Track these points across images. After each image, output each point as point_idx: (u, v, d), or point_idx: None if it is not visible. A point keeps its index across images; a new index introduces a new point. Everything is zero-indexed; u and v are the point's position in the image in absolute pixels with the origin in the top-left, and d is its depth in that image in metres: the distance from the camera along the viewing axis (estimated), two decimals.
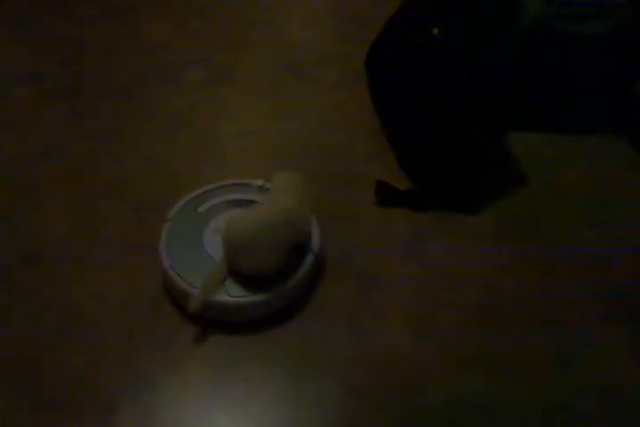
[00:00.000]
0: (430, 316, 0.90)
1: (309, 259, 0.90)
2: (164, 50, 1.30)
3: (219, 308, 0.85)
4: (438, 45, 1.00)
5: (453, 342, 0.87)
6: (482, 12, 1.02)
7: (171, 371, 0.83)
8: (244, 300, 0.85)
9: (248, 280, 0.86)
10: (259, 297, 0.85)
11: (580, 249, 0.99)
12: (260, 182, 0.99)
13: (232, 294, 0.85)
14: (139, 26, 1.34)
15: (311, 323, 0.88)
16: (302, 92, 1.22)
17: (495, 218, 1.03)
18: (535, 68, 1.09)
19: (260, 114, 1.18)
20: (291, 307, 0.89)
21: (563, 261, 0.97)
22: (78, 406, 0.79)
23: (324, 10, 1.43)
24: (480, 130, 1.02)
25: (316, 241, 0.92)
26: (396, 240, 0.99)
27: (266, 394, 0.81)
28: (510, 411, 0.80)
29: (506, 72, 1.03)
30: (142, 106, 1.18)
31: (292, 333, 0.87)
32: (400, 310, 0.90)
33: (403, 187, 1.03)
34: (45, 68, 1.25)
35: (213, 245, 0.90)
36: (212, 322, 0.87)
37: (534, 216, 1.03)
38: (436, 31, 1.01)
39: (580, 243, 1.00)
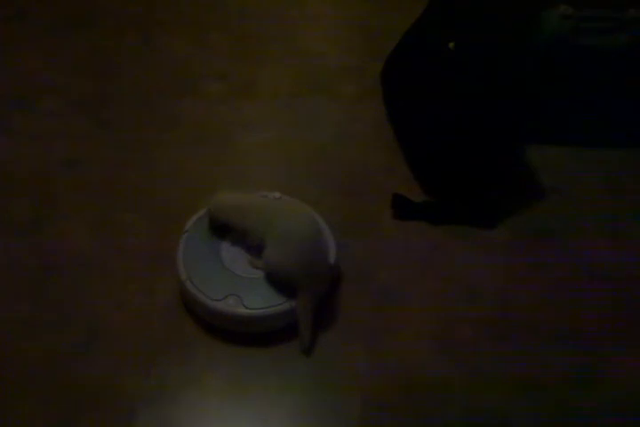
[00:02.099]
0: (447, 329, 0.90)
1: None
2: (186, 63, 1.32)
3: (236, 320, 0.87)
4: (454, 59, 1.01)
5: (470, 356, 0.87)
6: (498, 28, 1.02)
7: (189, 381, 0.84)
8: (261, 312, 0.86)
9: (265, 293, 0.87)
10: (276, 309, 0.86)
11: (597, 262, 0.98)
12: (277, 195, 1.00)
13: (249, 307, 0.86)
14: (162, 40, 1.37)
15: (328, 335, 0.88)
16: (320, 105, 1.24)
17: (512, 231, 1.03)
18: (553, 83, 1.09)
19: (278, 126, 1.20)
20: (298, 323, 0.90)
21: (580, 275, 0.97)
22: (100, 414, 0.80)
23: (340, 24, 1.44)
24: (498, 144, 1.02)
25: (332, 254, 0.93)
26: (412, 253, 0.99)
27: (284, 406, 0.82)
28: (527, 425, 0.80)
29: (523, 85, 1.03)
30: (164, 118, 1.21)
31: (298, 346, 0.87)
32: (417, 323, 0.91)
33: (419, 200, 1.04)
34: (71, 80, 1.28)
35: (230, 256, 0.91)
36: (230, 334, 0.88)
37: (551, 229, 1.03)
38: (452, 45, 1.02)
39: (598, 256, 0.99)
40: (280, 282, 0.87)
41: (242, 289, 0.87)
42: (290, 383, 0.84)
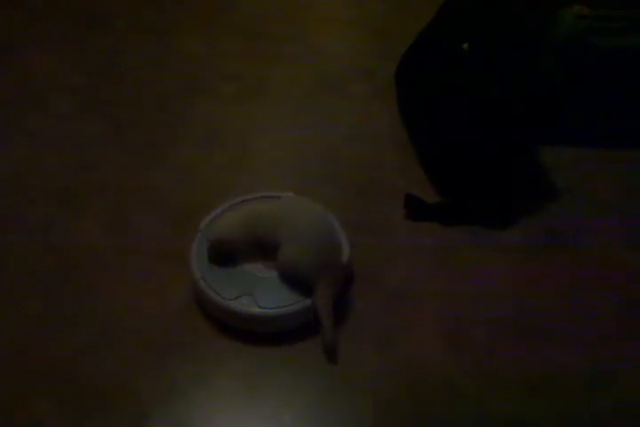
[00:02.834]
0: (460, 330, 0.89)
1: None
2: (199, 64, 1.33)
3: (249, 319, 0.87)
4: (468, 60, 1.01)
5: (483, 357, 0.87)
6: (513, 28, 1.02)
7: (202, 380, 0.84)
8: (274, 312, 0.86)
9: (279, 292, 0.88)
10: (289, 309, 0.86)
11: (611, 264, 0.98)
12: (290, 194, 1.00)
13: (263, 306, 0.86)
14: (175, 41, 1.38)
15: (340, 335, 0.88)
16: (332, 106, 1.24)
17: (525, 232, 1.02)
18: (568, 83, 1.08)
19: (290, 127, 1.20)
20: (319, 319, 0.90)
21: (594, 276, 0.96)
22: (112, 414, 0.81)
23: (353, 25, 1.44)
24: (512, 144, 1.02)
25: (345, 253, 0.93)
26: (425, 254, 0.99)
27: (296, 405, 0.82)
28: None
29: (538, 86, 1.03)
30: (177, 119, 1.21)
31: (320, 345, 0.87)
32: (429, 323, 0.90)
33: (432, 201, 1.03)
34: (85, 81, 1.29)
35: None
36: (243, 333, 0.88)
37: (565, 230, 1.02)
38: (466, 46, 1.02)
39: (612, 257, 0.98)
40: (296, 280, 0.87)
41: (255, 288, 0.88)
42: (302, 383, 0.84)
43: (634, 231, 1.02)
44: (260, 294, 0.87)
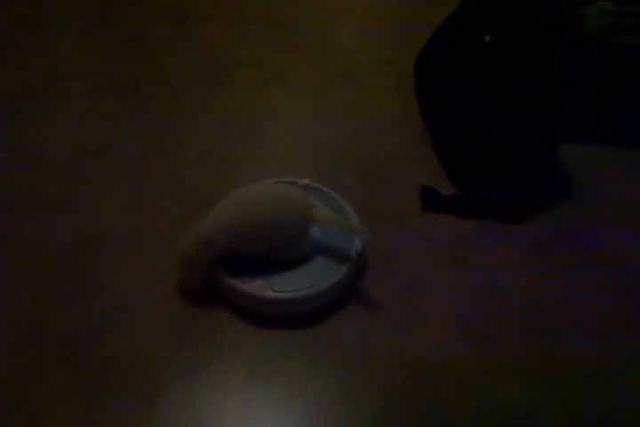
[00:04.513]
0: (472, 324, 0.89)
1: (352, 258, 0.91)
2: (219, 50, 1.33)
3: (263, 302, 0.87)
4: (490, 53, 1.00)
5: (495, 351, 0.86)
6: (537, 22, 1.01)
7: (214, 362, 0.84)
8: (288, 295, 0.86)
9: (294, 276, 0.88)
10: (303, 293, 0.86)
11: (627, 264, 0.97)
12: (305, 181, 1.00)
13: (276, 290, 0.86)
14: (195, 26, 1.38)
15: (352, 323, 0.89)
16: (351, 95, 1.24)
17: (541, 228, 1.02)
18: (591, 80, 1.08)
19: (308, 115, 1.20)
20: (332, 305, 0.90)
21: (610, 277, 0.95)
22: (125, 392, 0.81)
23: (375, 14, 1.44)
24: (533, 139, 1.02)
25: (358, 242, 0.93)
26: (439, 246, 0.99)
27: (307, 391, 0.82)
28: (551, 424, 0.80)
29: (562, 82, 1.02)
30: (194, 103, 1.22)
31: (333, 331, 0.88)
32: (441, 316, 0.90)
33: (448, 193, 1.03)
34: (103, 64, 1.29)
35: None
36: (256, 316, 0.88)
37: (583, 229, 1.02)
38: (488, 38, 1.01)
39: (628, 257, 0.98)
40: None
41: (270, 272, 0.88)
42: (314, 368, 0.84)
43: None
44: (275, 277, 0.87)
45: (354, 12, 1.45)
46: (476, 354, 0.86)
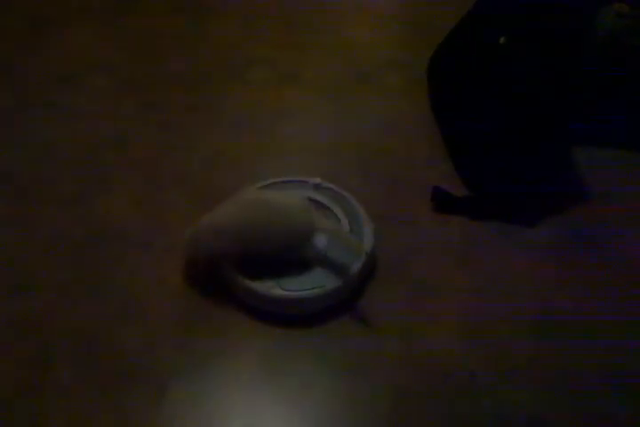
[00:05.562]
0: (482, 325, 0.89)
1: (362, 258, 0.90)
2: (232, 48, 1.33)
3: (272, 301, 0.87)
4: (504, 55, 1.00)
5: (504, 352, 0.86)
6: (552, 24, 1.01)
7: (223, 358, 0.85)
8: (297, 294, 0.86)
9: (304, 275, 0.88)
10: (313, 293, 0.86)
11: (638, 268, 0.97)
12: (317, 180, 1.01)
13: (286, 288, 0.87)
14: (209, 24, 1.38)
15: (360, 323, 0.89)
16: (363, 96, 1.24)
17: (553, 230, 1.01)
18: (605, 83, 1.07)
19: (320, 115, 1.20)
20: (342, 305, 0.90)
21: (620, 280, 0.95)
22: (133, 384, 0.82)
23: (389, 15, 1.44)
24: (545, 143, 1.01)
25: (369, 242, 0.93)
26: (450, 247, 0.99)
27: (316, 390, 0.82)
28: (558, 424, 0.80)
29: (576, 84, 1.02)
30: (208, 102, 1.22)
31: (342, 330, 0.88)
32: (451, 316, 0.90)
33: (460, 194, 1.03)
34: (119, 60, 1.30)
35: None
36: (265, 314, 0.89)
37: (594, 232, 1.01)
38: (502, 40, 1.01)
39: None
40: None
41: (280, 270, 0.88)
42: (323, 367, 0.84)
43: None
44: (285, 276, 0.88)
45: (368, 13, 1.45)
46: (488, 355, 0.86)
